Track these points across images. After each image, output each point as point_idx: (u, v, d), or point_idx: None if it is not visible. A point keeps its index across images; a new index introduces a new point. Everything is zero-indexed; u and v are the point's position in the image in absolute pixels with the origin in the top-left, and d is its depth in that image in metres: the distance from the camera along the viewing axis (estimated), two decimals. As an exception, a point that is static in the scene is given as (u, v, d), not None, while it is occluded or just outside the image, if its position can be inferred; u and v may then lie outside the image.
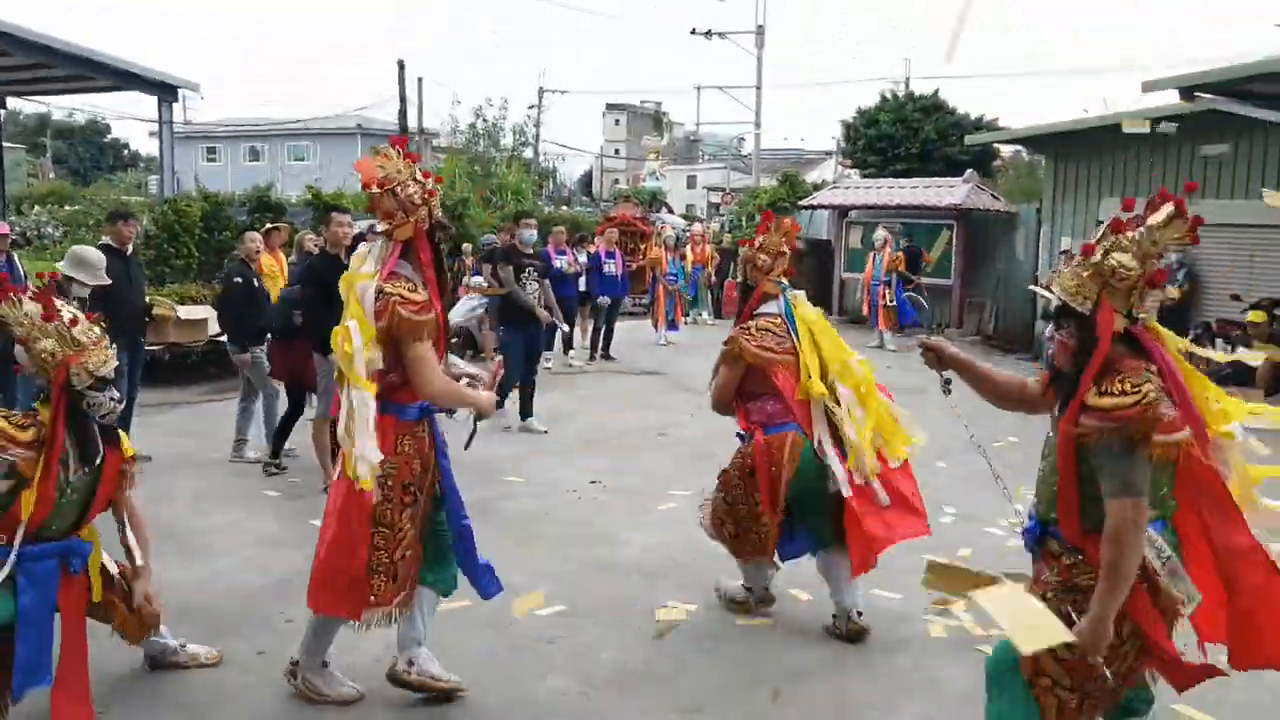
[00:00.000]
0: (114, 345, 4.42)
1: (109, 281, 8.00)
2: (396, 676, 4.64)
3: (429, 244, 4.48)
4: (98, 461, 4.34)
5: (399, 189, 4.36)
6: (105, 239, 8.79)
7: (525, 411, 10.72)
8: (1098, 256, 3.25)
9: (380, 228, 4.43)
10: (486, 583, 4.81)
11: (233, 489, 8.21)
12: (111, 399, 4.28)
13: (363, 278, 4.38)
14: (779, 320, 5.59)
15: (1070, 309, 3.29)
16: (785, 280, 5.72)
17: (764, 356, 5.43)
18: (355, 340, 4.25)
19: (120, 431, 4.56)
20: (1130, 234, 3.25)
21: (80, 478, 4.30)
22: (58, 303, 4.25)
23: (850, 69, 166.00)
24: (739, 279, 6.12)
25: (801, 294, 5.79)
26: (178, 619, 5.57)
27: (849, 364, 5.51)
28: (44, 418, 4.17)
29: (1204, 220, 3.32)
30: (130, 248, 8.85)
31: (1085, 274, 3.27)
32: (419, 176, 4.45)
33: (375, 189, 4.37)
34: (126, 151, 70.81)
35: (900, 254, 18.31)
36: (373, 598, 4.39)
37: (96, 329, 4.32)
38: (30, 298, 4.21)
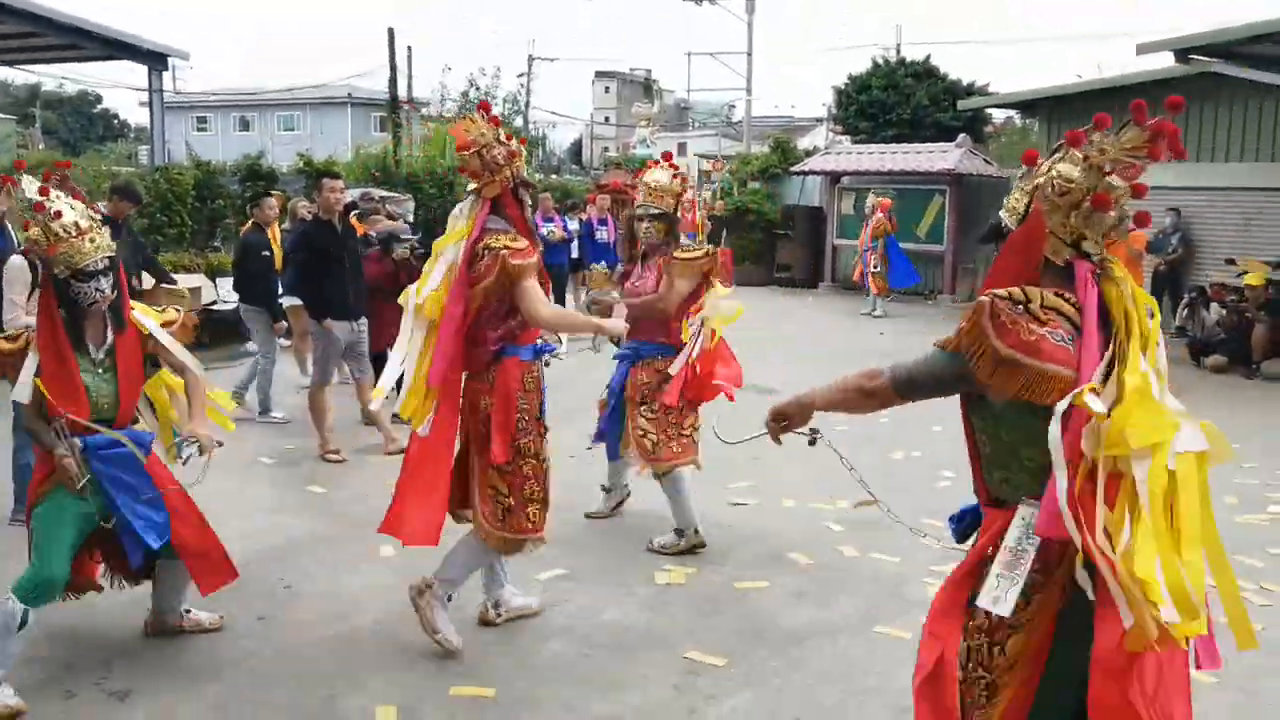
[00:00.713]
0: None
1: None
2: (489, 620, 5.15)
3: (514, 199, 4.81)
4: (109, 342, 4.52)
5: (484, 151, 4.70)
6: (102, 206, 8.82)
7: None
8: (1042, 168, 2.79)
9: (471, 186, 4.81)
10: None
11: (227, 456, 8.15)
12: (97, 289, 4.35)
13: (457, 235, 4.75)
14: None
15: (1004, 230, 2.87)
16: None
17: None
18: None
19: (136, 313, 4.67)
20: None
21: (102, 361, 4.50)
22: (52, 194, 4.34)
23: (842, 35, 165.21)
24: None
25: None
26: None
27: None
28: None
29: (1172, 130, 2.71)
30: (123, 221, 8.90)
31: (1025, 188, 2.81)
32: (503, 139, 4.78)
33: (464, 151, 4.73)
34: (117, 121, 70.30)
35: (882, 217, 18.26)
36: (529, 524, 4.82)
37: (83, 222, 4.38)
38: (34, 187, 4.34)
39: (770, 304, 19.56)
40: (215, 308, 13.19)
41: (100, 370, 4.49)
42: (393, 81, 28.17)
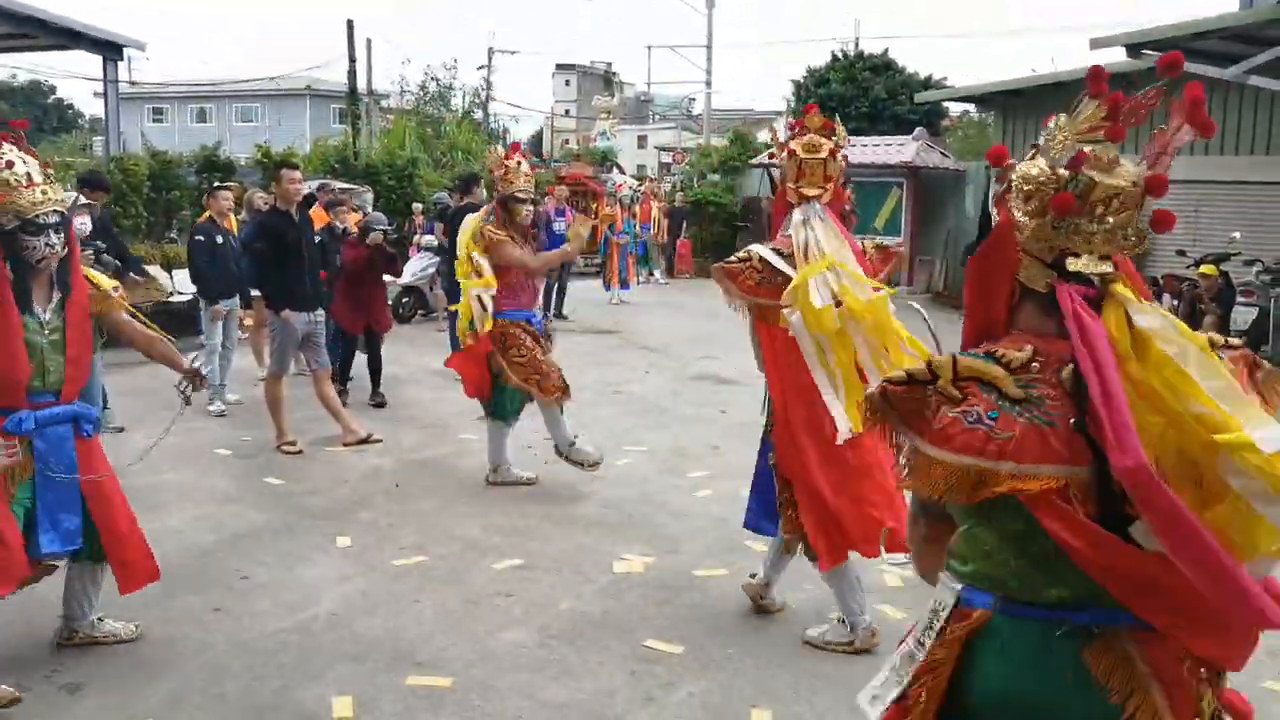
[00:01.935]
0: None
1: None
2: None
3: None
4: (56, 301, 4.36)
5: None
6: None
7: None
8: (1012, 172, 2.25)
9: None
10: None
11: (184, 448, 8.12)
12: (47, 244, 4.22)
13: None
14: None
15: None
16: None
17: None
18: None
19: (88, 271, 4.56)
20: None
21: (50, 322, 4.32)
22: (5, 146, 4.21)
23: (801, 29, 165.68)
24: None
25: None
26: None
27: None
28: None
29: (1138, 103, 2.14)
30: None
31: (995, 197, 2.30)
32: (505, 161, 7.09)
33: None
34: (71, 112, 69.30)
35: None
36: None
37: (35, 174, 4.25)
38: None
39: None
40: (172, 299, 13.08)
41: (48, 333, 4.30)
42: (351, 73, 28.01)
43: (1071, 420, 2.00)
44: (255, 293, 9.28)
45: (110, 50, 16.75)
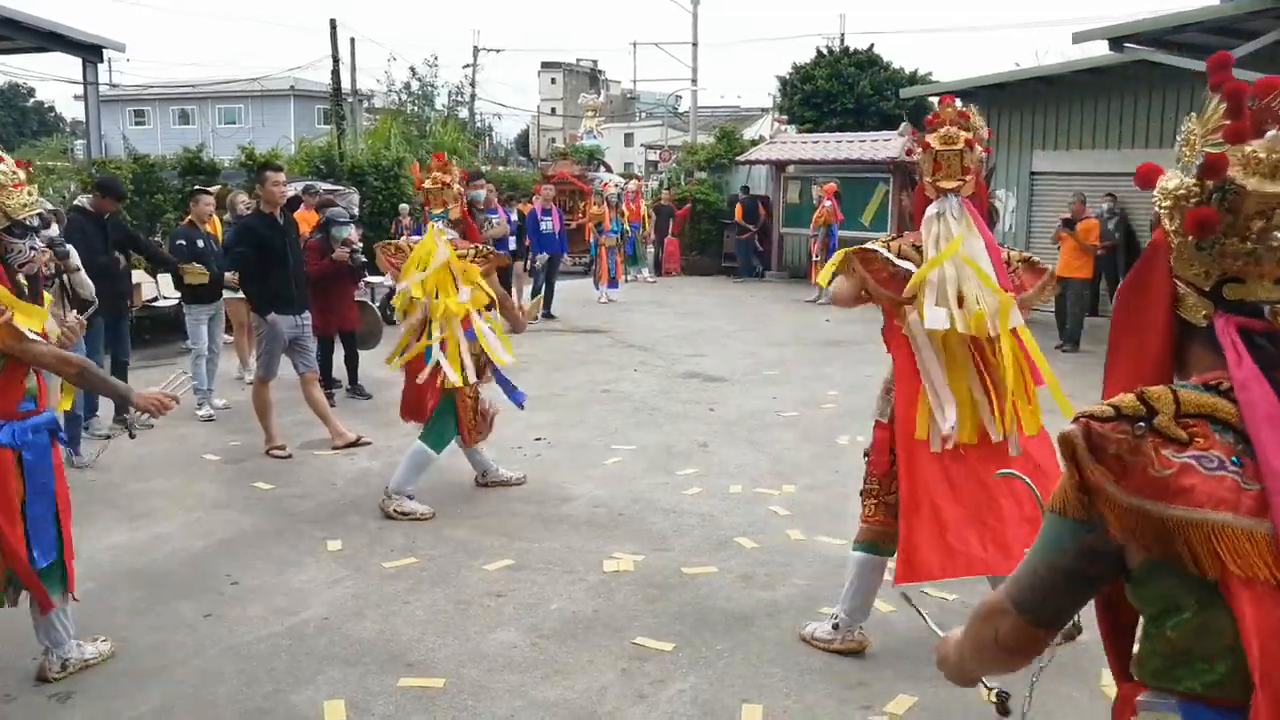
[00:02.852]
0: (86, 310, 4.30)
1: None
2: None
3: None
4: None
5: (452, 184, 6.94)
6: (83, 201, 9.04)
7: None
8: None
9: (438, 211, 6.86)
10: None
11: (172, 453, 8.12)
12: (32, 248, 4.18)
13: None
14: None
15: None
16: None
17: None
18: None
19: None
20: None
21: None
22: None
23: (786, 25, 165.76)
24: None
25: None
26: (120, 582, 5.55)
27: None
28: None
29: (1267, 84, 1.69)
30: (108, 217, 8.81)
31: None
32: (459, 178, 7.06)
33: (431, 184, 6.95)
34: (52, 115, 69.06)
35: (831, 205, 18.50)
36: None
37: (21, 173, 4.20)
38: None
39: (717, 293, 19.69)
40: (156, 304, 13.06)
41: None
42: (335, 73, 27.98)
43: None
44: (232, 294, 9.36)
45: (90, 52, 16.71)
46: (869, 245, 4.52)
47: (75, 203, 9.19)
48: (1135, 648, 1.77)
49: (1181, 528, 1.55)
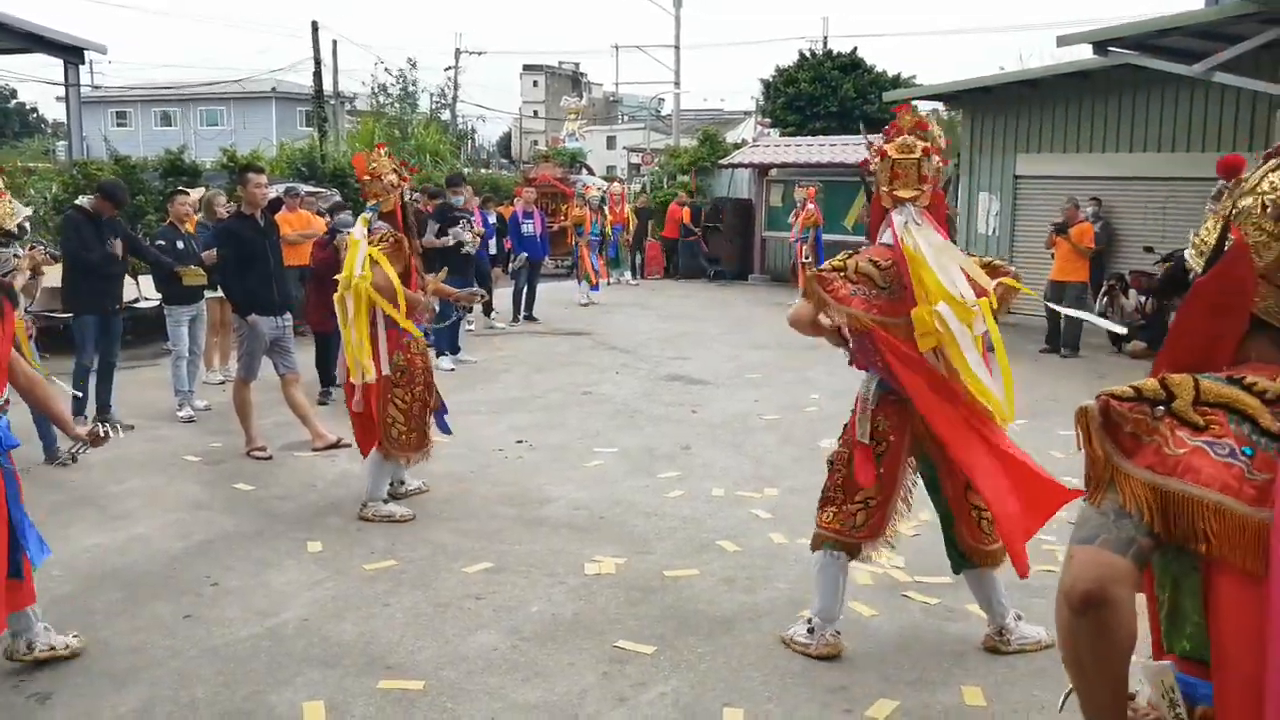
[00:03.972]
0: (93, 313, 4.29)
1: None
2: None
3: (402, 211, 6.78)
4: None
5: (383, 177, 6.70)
6: (83, 201, 9.12)
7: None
8: (1249, 181, 1.83)
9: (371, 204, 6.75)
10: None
11: (152, 454, 8.08)
12: (14, 254, 4.18)
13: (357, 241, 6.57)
14: None
15: (1190, 276, 1.89)
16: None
17: None
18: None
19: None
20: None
21: None
22: None
23: (769, 28, 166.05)
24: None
25: None
26: (99, 584, 5.53)
27: None
28: None
29: None
30: (106, 220, 8.74)
31: (1221, 211, 1.86)
32: (397, 168, 6.80)
33: (366, 177, 6.76)
34: (34, 116, 68.65)
35: (814, 208, 18.52)
36: None
37: (3, 185, 4.19)
38: None
39: (701, 296, 19.71)
40: (138, 305, 13.00)
41: None
42: (317, 75, 27.92)
43: None
44: (212, 294, 9.39)
45: (72, 54, 16.66)
46: (823, 269, 4.58)
47: (75, 201, 9.23)
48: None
49: (1180, 500, 1.63)
